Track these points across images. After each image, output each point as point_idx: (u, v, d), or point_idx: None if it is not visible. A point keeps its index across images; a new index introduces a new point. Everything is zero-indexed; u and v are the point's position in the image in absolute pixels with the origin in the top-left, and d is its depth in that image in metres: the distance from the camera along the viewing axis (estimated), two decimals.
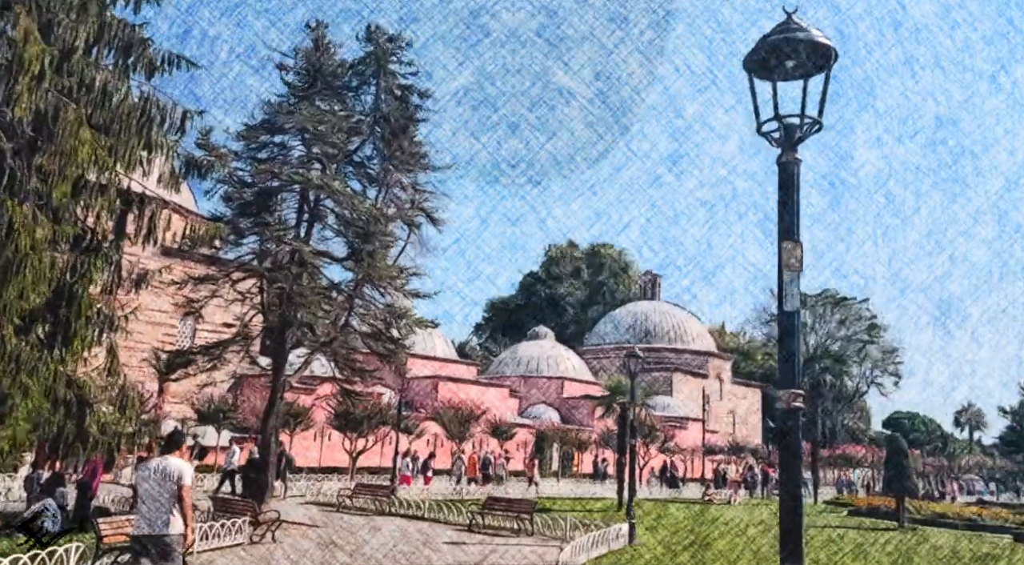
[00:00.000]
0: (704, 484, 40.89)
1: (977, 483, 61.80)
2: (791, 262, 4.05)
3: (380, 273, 19.93)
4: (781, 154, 4.25)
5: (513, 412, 49.59)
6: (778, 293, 4.17)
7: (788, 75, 4.22)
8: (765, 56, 4.27)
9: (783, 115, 4.23)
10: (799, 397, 4.03)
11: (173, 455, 7.44)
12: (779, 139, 4.27)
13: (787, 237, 4.09)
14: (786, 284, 4.09)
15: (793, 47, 4.18)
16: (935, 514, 29.48)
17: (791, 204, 4.15)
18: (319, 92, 19.97)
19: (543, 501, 26.03)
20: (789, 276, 4.07)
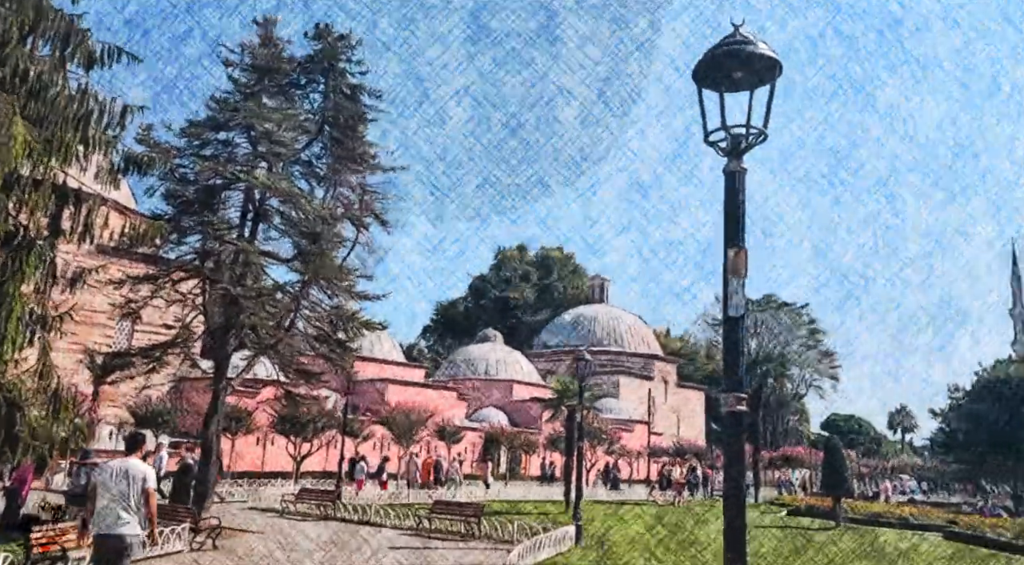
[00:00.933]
0: (649, 486, 41.43)
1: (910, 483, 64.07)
2: (736, 268, 4.14)
3: (327, 274, 19.65)
4: (727, 163, 4.35)
5: (461, 415, 49.46)
6: (723, 298, 4.26)
7: (735, 86, 4.32)
8: (712, 67, 4.36)
9: (729, 125, 4.33)
10: (743, 400, 4.12)
11: (134, 457, 7.51)
12: (726, 148, 4.37)
13: (732, 244, 4.19)
14: (731, 290, 4.18)
15: (739, 59, 4.28)
16: (870, 513, 30.48)
17: (736, 212, 4.25)
18: (266, 89, 19.60)
19: (491, 504, 26.01)
20: (734, 282, 4.16)
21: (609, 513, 27.64)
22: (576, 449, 22.59)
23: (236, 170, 18.63)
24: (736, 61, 4.27)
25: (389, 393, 44.29)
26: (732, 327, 4.24)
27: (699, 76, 4.41)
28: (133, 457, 7.51)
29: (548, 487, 36.95)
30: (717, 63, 4.36)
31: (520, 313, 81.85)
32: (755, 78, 4.29)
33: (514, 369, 57.66)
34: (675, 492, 37.43)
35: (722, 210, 4.29)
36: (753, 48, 4.30)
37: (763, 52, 4.29)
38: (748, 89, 4.32)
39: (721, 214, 4.28)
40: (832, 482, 29.50)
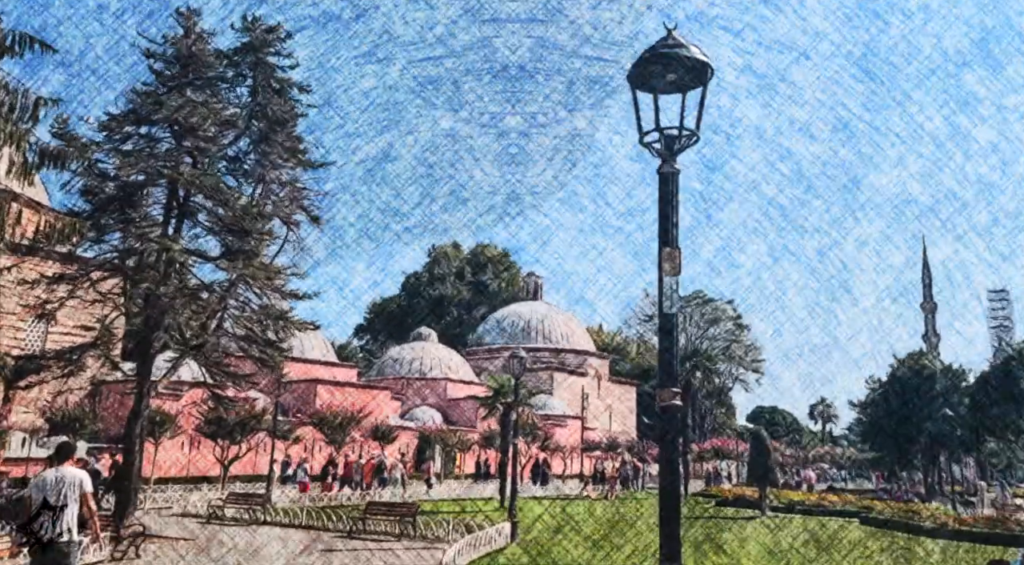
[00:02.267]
0: (583, 480, 41.97)
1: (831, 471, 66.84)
2: (671, 267, 4.24)
3: (256, 273, 19.18)
4: (661, 164, 4.45)
5: (395, 414, 49.03)
6: (658, 296, 4.35)
7: (668, 89, 4.42)
8: (646, 70, 4.44)
9: (663, 127, 4.42)
10: (677, 395, 4.23)
11: (66, 465, 7.79)
12: (660, 150, 4.46)
13: (667, 243, 4.28)
14: (666, 288, 4.28)
15: (673, 62, 4.38)
16: (793, 502, 31.64)
17: (671, 212, 4.35)
18: (191, 82, 18.98)
19: (425, 503, 25.90)
20: (669, 280, 4.26)
21: (544, 509, 27.89)
22: (511, 446, 22.71)
23: (159, 165, 17.99)
24: (669, 64, 4.36)
25: (320, 394, 43.54)
26: (666, 324, 4.34)
27: (633, 78, 4.49)
28: (66, 465, 7.75)
29: (483, 485, 37.03)
30: (650, 66, 4.44)
31: (455, 311, 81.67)
32: (687, 81, 4.40)
33: (449, 367, 57.49)
34: (608, 486, 38.03)
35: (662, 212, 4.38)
36: (685, 52, 4.40)
37: (695, 56, 4.40)
38: (681, 92, 4.43)
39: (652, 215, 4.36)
40: (758, 473, 30.50)
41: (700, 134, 4.41)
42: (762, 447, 31.10)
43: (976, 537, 21.04)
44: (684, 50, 4.37)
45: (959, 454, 47.60)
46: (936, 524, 23.34)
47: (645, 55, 4.43)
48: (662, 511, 4.17)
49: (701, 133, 4.42)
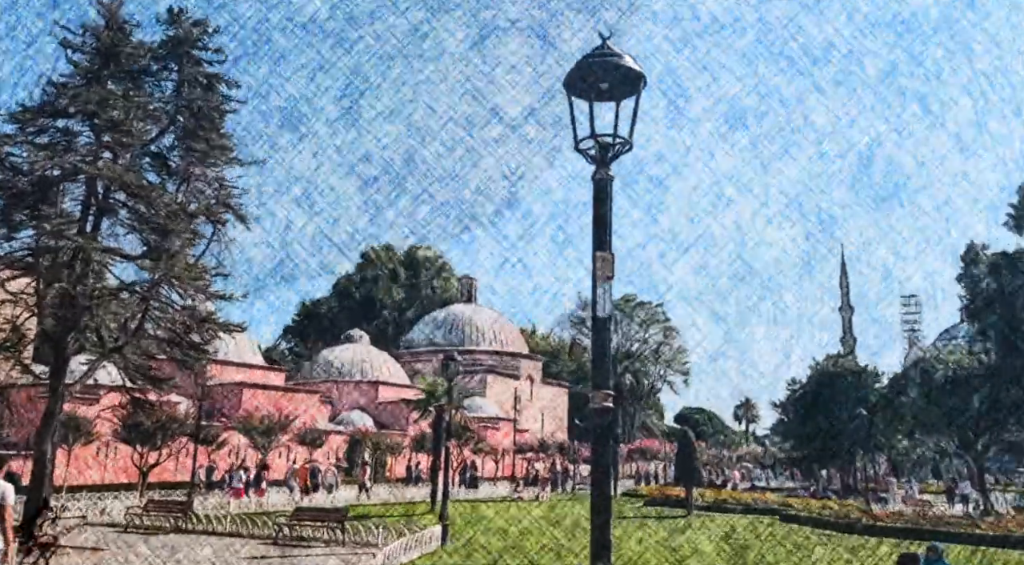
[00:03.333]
0: (514, 482, 42.12)
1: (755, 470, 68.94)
2: (604, 271, 4.32)
3: (180, 273, 18.55)
4: (596, 171, 4.52)
5: (325, 418, 48.14)
6: (592, 300, 4.42)
7: (603, 97, 4.50)
8: (581, 77, 4.51)
9: (598, 134, 4.50)
10: (610, 397, 4.30)
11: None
12: (594, 156, 4.54)
13: (600, 248, 4.36)
14: (599, 292, 4.35)
15: (606, 71, 4.46)
16: (717, 500, 32.53)
17: (604, 218, 4.42)
18: (112, 75, 18.23)
19: (357, 508, 25.54)
20: (602, 285, 4.33)
21: (475, 512, 27.86)
22: (443, 449, 22.63)
23: (76, 160, 17.23)
24: (603, 73, 4.44)
25: (247, 397, 42.41)
26: (600, 327, 4.41)
27: (569, 85, 4.56)
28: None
29: (415, 488, 36.75)
30: (585, 74, 4.52)
31: (387, 313, 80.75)
32: (621, 90, 4.49)
33: (380, 370, 56.83)
34: (539, 488, 38.28)
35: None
36: (619, 61, 4.49)
37: (628, 65, 4.49)
38: (615, 100, 4.51)
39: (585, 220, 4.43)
40: (684, 472, 31.24)
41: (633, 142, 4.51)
42: (689, 447, 31.89)
43: (887, 532, 22.07)
44: (618, 59, 4.46)
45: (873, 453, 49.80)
46: (850, 520, 24.39)
47: (581, 63, 4.50)
48: (593, 511, 4.24)
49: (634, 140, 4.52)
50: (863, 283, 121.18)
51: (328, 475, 33.27)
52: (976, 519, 25.25)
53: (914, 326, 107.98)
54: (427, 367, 59.60)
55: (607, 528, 4.24)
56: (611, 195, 4.49)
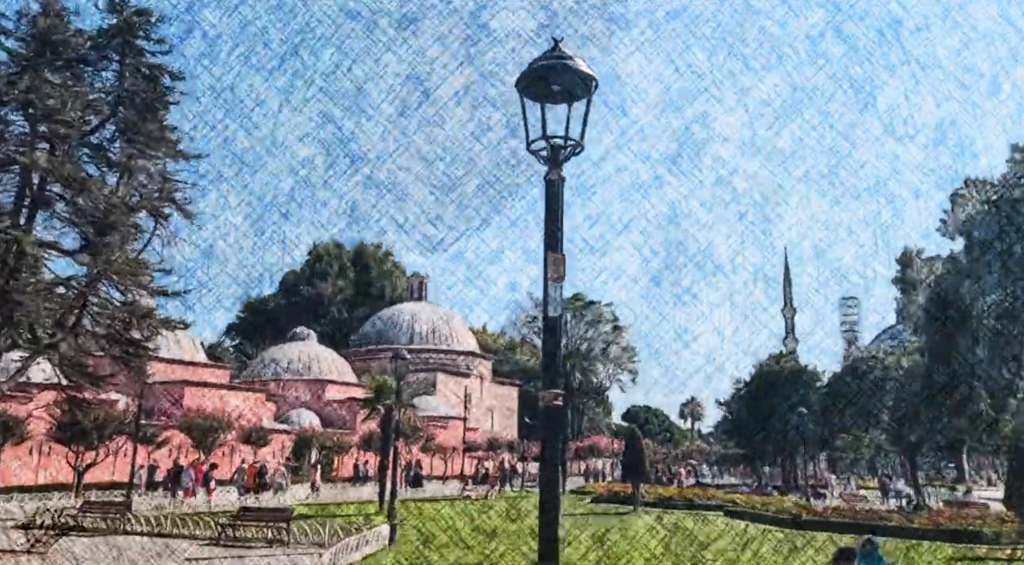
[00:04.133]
0: (463, 481, 42.08)
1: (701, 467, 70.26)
2: (555, 272, 4.36)
3: (120, 268, 18.00)
4: (548, 172, 4.56)
5: (270, 417, 47.30)
6: (543, 300, 4.46)
7: (555, 99, 4.54)
8: (533, 79, 4.55)
9: (550, 136, 4.54)
10: (560, 395, 4.35)
11: None
12: (546, 157, 4.58)
13: (552, 249, 4.40)
14: (550, 292, 4.39)
15: (558, 74, 4.50)
16: (664, 497, 33.06)
17: (556, 218, 4.46)
18: (49, 63, 17.57)
19: (301, 507, 25.18)
20: (553, 285, 4.37)
21: (423, 510, 27.75)
22: (392, 448, 22.47)
23: (10, 150, 16.56)
24: (556, 75, 4.48)
25: (188, 396, 41.41)
26: (550, 326, 4.45)
27: (521, 86, 4.58)
28: None
29: (363, 488, 36.42)
30: (537, 75, 4.55)
31: (336, 310, 79.71)
32: (573, 92, 4.53)
33: (328, 368, 56.10)
34: (488, 486, 38.33)
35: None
36: (571, 63, 4.53)
37: (579, 68, 4.54)
38: (566, 102, 4.55)
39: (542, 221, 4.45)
40: (632, 470, 31.66)
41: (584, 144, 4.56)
42: (636, 445, 32.32)
43: (826, 526, 22.76)
44: (570, 62, 4.50)
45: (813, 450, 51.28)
46: (791, 515, 25.09)
47: (532, 65, 4.53)
48: (542, 509, 4.27)
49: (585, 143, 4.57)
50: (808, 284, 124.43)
51: (277, 475, 32.81)
52: (909, 513, 26.23)
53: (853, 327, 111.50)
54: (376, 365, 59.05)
55: (555, 527, 4.28)
56: (563, 196, 4.53)
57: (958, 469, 64.38)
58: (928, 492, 38.12)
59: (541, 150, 4.59)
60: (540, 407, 4.42)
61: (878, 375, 32.40)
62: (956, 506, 29.27)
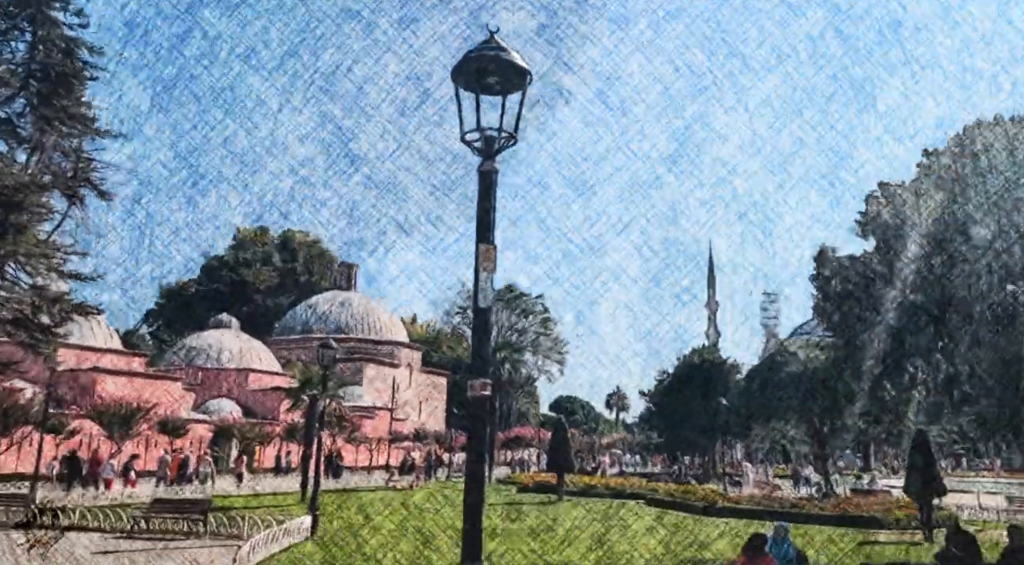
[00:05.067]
0: (389, 471, 41.82)
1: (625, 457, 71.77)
2: (486, 263, 4.38)
3: (28, 250, 17.12)
4: (482, 163, 4.57)
5: (189, 407, 45.86)
6: (474, 291, 4.48)
7: (490, 90, 4.55)
8: (468, 70, 4.55)
9: (484, 127, 4.55)
10: (488, 386, 4.38)
11: None
12: (480, 148, 4.59)
13: (484, 240, 4.42)
14: (481, 283, 4.41)
15: (494, 65, 4.51)
16: (588, 486, 33.65)
17: (488, 209, 4.48)
18: None
19: (225, 498, 24.57)
20: (484, 276, 4.40)
21: (347, 501, 27.47)
22: (316, 439, 22.14)
23: None
24: (491, 67, 4.49)
25: (102, 384, 39.75)
26: (481, 317, 4.47)
27: (457, 77, 4.58)
28: None
29: (285, 479, 35.77)
30: (472, 67, 4.55)
31: (261, 298, 77.68)
32: (507, 85, 4.55)
33: (251, 357, 54.73)
34: (414, 476, 38.22)
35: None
36: (506, 56, 4.55)
37: (514, 61, 4.56)
38: (501, 94, 4.57)
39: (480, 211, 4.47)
40: (557, 459, 32.07)
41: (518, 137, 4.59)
42: (562, 435, 32.74)
43: (741, 513, 23.64)
44: (505, 55, 4.52)
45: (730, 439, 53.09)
46: (708, 502, 25.93)
47: (467, 56, 4.53)
48: (467, 499, 4.31)
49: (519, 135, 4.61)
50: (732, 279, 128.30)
51: (202, 465, 31.99)
52: (819, 501, 27.48)
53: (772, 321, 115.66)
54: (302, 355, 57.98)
55: (479, 514, 4.33)
56: (496, 188, 4.56)
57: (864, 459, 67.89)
58: (837, 480, 39.99)
59: (475, 141, 4.60)
60: (469, 396, 4.46)
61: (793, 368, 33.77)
62: (862, 494, 30.86)
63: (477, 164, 4.59)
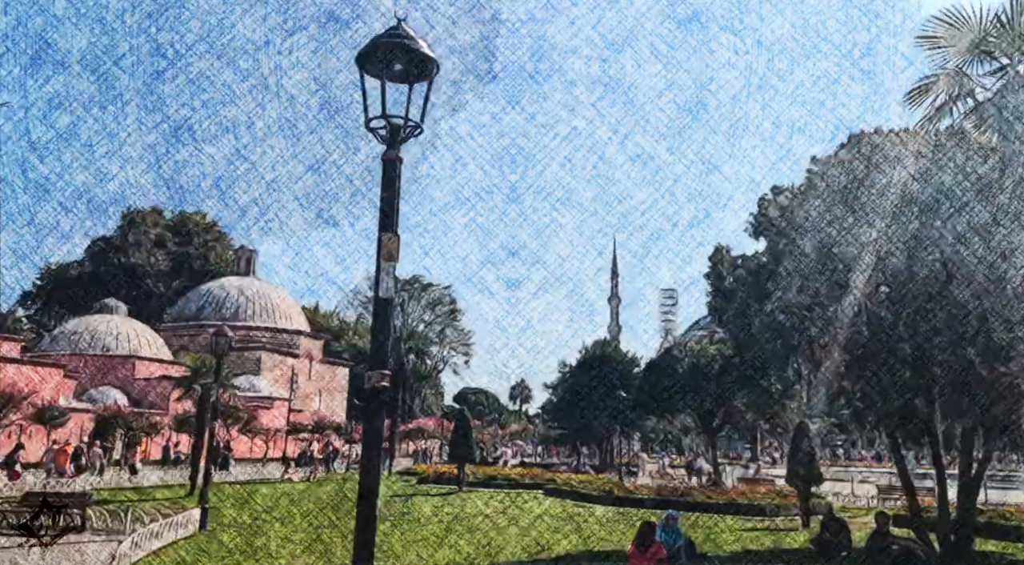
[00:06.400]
0: (285, 463, 40.83)
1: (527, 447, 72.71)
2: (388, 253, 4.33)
3: None
4: (386, 151, 4.50)
5: (69, 395, 43.25)
6: (375, 281, 4.42)
7: (396, 78, 4.49)
8: (374, 56, 4.47)
9: (389, 115, 4.48)
10: (386, 377, 4.34)
11: None
12: (384, 137, 4.52)
13: (386, 229, 4.36)
14: (382, 273, 4.35)
15: (400, 53, 4.45)
16: (488, 476, 33.92)
17: (392, 199, 4.42)
18: None
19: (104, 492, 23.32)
20: (386, 266, 4.34)
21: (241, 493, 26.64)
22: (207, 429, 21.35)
23: None
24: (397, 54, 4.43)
25: None
26: (381, 308, 4.42)
27: (362, 62, 4.49)
28: None
29: (172, 471, 34.31)
30: (378, 53, 4.47)
31: (152, 283, 73.94)
32: (414, 73, 4.50)
33: (140, 344, 52.14)
34: (313, 468, 37.49)
35: None
36: (412, 44, 4.49)
37: (420, 49, 4.51)
38: (407, 82, 4.52)
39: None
40: (458, 450, 32.16)
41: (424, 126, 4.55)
42: (464, 426, 32.86)
43: (636, 502, 24.42)
44: (412, 43, 4.47)
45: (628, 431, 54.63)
46: (604, 492, 26.66)
47: (375, 41, 4.45)
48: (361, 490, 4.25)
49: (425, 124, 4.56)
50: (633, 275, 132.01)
51: (93, 456, 30.37)
52: (708, 490, 28.72)
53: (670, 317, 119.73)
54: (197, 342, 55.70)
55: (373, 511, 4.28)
56: (400, 177, 4.50)
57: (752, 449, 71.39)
58: (726, 470, 41.89)
59: (380, 129, 4.53)
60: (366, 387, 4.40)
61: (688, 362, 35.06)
62: (748, 483, 32.45)
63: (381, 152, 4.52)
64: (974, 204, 11.01)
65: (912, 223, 11.42)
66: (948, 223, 11.00)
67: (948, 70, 14.30)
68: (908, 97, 14.86)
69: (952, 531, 14.88)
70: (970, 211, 11.00)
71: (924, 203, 11.35)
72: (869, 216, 11.65)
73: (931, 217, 11.24)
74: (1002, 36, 13.54)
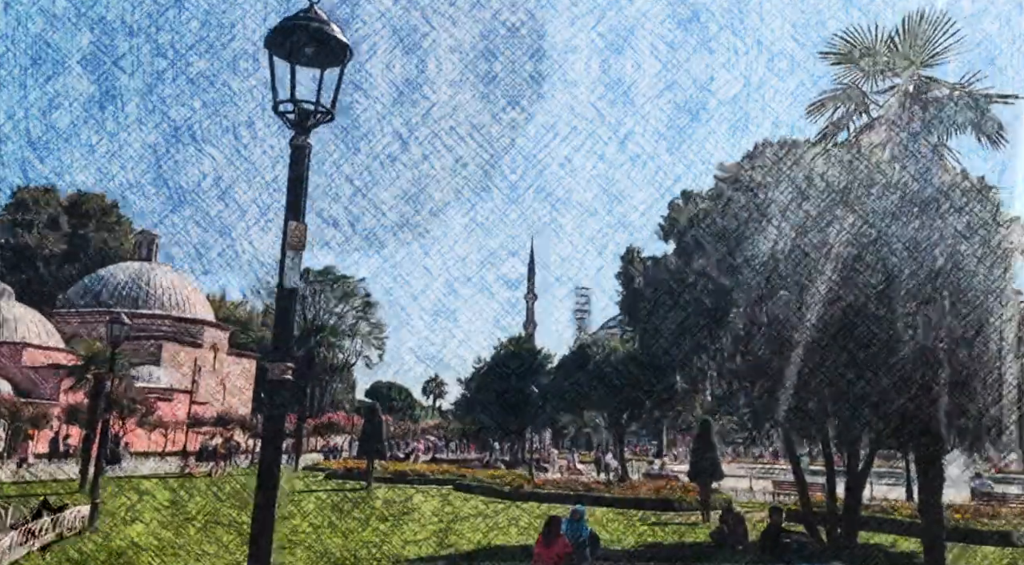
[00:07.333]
0: (185, 458, 39.29)
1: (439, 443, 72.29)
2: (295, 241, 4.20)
3: None
4: (294, 137, 4.36)
5: None
6: (279, 270, 4.28)
7: (307, 62, 4.35)
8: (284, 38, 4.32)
9: (299, 99, 4.34)
10: (289, 369, 4.21)
11: None
12: (293, 121, 4.38)
13: (293, 217, 4.23)
14: (288, 262, 4.22)
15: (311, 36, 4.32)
16: (399, 472, 33.63)
17: (300, 186, 4.29)
18: None
19: None
20: (292, 254, 4.21)
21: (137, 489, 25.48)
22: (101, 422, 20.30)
23: None
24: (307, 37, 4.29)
25: None
26: (286, 298, 4.28)
27: (271, 44, 4.33)
28: None
29: (61, 465, 32.44)
30: (288, 35, 4.33)
31: (43, 265, 69.57)
32: (325, 58, 4.38)
33: (27, 330, 49.08)
34: (214, 463, 36.23)
35: None
36: (324, 27, 4.37)
37: (332, 34, 4.38)
38: (319, 67, 4.39)
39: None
40: (368, 446, 31.70)
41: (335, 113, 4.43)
42: (375, 421, 32.40)
43: (545, 497, 24.68)
44: (324, 27, 4.35)
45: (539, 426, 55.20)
46: (514, 487, 26.85)
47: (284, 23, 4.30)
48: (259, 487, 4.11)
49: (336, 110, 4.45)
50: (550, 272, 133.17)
51: None
52: (615, 485, 29.34)
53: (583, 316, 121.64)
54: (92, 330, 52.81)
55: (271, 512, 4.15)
56: (308, 163, 4.37)
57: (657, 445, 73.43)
58: (633, 466, 42.92)
59: (288, 113, 4.38)
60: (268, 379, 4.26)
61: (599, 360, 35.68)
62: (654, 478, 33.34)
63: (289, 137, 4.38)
64: (866, 210, 11.70)
65: (811, 230, 12.02)
66: (840, 228, 11.66)
67: (845, 86, 15.12)
68: (808, 110, 15.62)
69: (839, 524, 15.74)
70: (864, 217, 11.68)
71: (819, 211, 11.98)
72: (769, 222, 12.19)
73: (825, 223, 11.88)
74: (894, 55, 14.41)
